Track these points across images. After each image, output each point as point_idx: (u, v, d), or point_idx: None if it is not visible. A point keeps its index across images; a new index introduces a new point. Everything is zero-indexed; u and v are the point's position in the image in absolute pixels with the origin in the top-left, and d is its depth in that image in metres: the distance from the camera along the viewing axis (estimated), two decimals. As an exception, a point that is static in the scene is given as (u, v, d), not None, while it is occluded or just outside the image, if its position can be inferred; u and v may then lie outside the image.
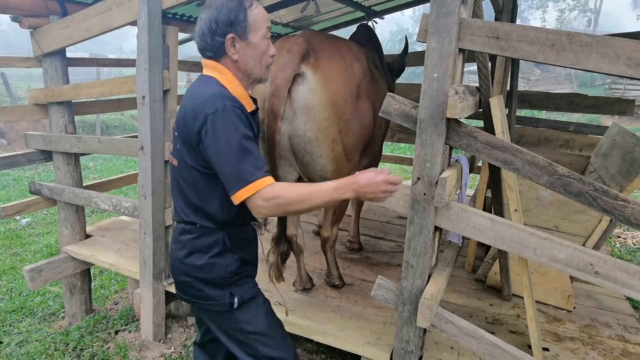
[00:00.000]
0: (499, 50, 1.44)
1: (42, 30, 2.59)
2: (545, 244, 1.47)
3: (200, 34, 1.32)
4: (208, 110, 1.23)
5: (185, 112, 1.30)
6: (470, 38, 1.45)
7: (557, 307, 2.41)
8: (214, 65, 1.35)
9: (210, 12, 1.30)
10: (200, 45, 1.35)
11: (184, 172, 1.36)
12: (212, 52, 1.34)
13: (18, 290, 3.50)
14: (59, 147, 2.73)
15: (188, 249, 1.39)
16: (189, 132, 1.28)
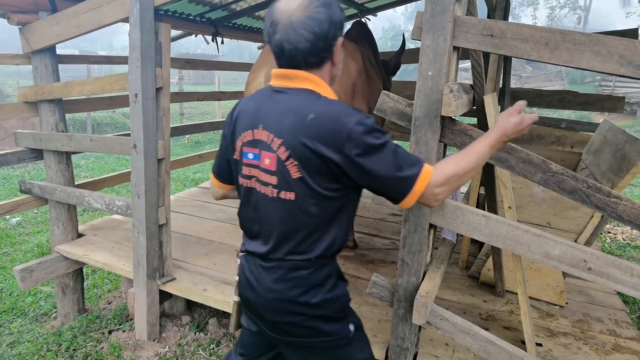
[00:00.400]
0: (493, 48, 1.44)
1: (31, 26, 2.55)
2: (539, 241, 1.48)
3: (312, 37, 1.10)
4: (347, 124, 1.08)
5: (309, 137, 1.09)
6: (464, 36, 1.45)
7: (549, 302, 2.43)
8: (307, 76, 1.16)
9: (323, 12, 1.11)
10: (306, 50, 1.12)
11: (306, 204, 1.15)
12: (317, 59, 1.15)
13: (9, 291, 3.46)
14: (50, 146, 2.70)
15: (303, 286, 1.23)
16: (321, 157, 1.09)
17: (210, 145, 10.24)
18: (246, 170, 1.22)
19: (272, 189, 1.17)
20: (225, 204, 3.99)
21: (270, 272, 1.23)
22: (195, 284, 2.42)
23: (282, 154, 1.12)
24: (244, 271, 1.31)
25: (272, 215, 1.20)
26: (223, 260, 2.74)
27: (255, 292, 1.27)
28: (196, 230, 3.25)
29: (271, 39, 1.14)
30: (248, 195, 1.25)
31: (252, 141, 1.19)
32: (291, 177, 1.13)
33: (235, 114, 1.27)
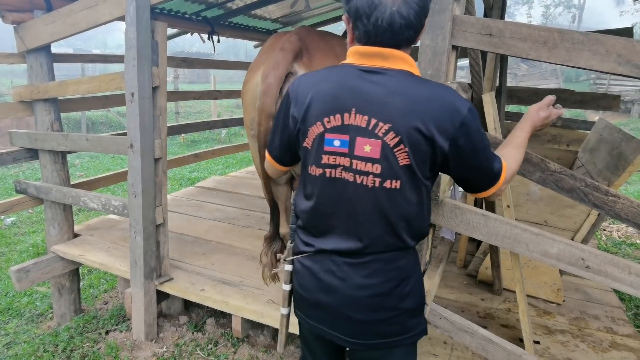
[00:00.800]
0: (491, 47, 1.44)
1: (26, 25, 2.52)
2: (537, 240, 1.49)
3: (421, 11, 1.03)
4: (461, 110, 1.04)
5: (423, 121, 1.02)
6: (463, 35, 1.46)
7: (547, 300, 2.45)
8: (403, 56, 1.07)
9: None
10: (416, 24, 1.04)
11: (409, 192, 1.09)
12: (416, 36, 1.07)
13: (4, 291, 3.44)
14: (45, 145, 2.68)
15: (399, 278, 1.17)
16: (432, 143, 1.04)
17: (206, 144, 10.21)
18: (328, 158, 1.11)
19: (373, 177, 1.07)
20: (221, 203, 3.98)
21: (362, 268, 1.15)
22: (192, 284, 2.41)
23: (391, 140, 1.03)
24: (315, 273, 1.20)
25: (368, 207, 1.10)
26: (220, 260, 2.73)
27: (337, 293, 1.17)
28: (193, 230, 3.24)
29: (372, 13, 1.01)
30: (328, 186, 1.13)
31: (339, 127, 1.08)
32: (399, 164, 1.05)
33: (308, 98, 1.12)
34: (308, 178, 1.18)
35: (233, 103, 15.33)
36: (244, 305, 2.20)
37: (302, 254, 1.24)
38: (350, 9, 1.06)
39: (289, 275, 1.33)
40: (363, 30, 1.05)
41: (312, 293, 1.21)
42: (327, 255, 1.18)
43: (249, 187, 4.55)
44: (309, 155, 1.15)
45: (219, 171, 7.53)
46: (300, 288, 1.26)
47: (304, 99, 1.13)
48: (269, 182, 2.04)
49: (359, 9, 1.03)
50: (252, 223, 3.45)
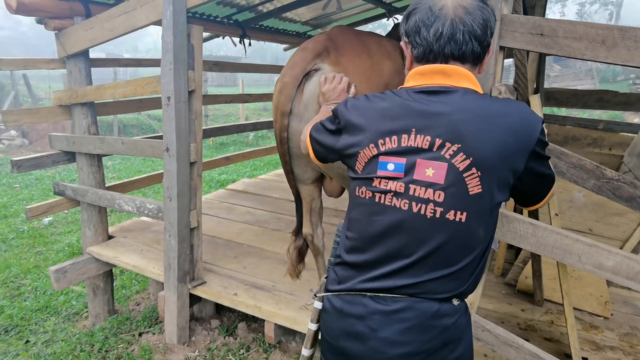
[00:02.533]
0: (543, 48, 1.37)
1: (66, 32, 2.58)
2: (591, 251, 1.40)
3: (484, 24, 0.97)
4: (537, 125, 0.96)
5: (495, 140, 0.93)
6: (512, 35, 1.38)
7: (592, 313, 2.32)
8: (467, 74, 1.00)
9: (481, 11, 0.98)
10: (481, 38, 0.98)
11: (475, 226, 0.96)
12: (482, 53, 1.01)
13: (43, 289, 3.54)
14: (82, 149, 2.73)
15: (443, 338, 1.00)
16: (508, 162, 0.94)
17: (234, 147, 10.33)
18: (380, 182, 1.00)
19: (433, 207, 0.94)
20: (251, 206, 3.98)
21: (398, 320, 0.99)
22: (225, 288, 2.40)
23: (460, 163, 0.92)
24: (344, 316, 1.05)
25: (422, 242, 0.97)
26: (252, 264, 2.72)
27: (365, 345, 1.02)
28: (224, 233, 3.25)
29: (431, 26, 0.97)
30: (377, 213, 1.01)
31: (395, 149, 0.98)
32: (468, 193, 0.93)
33: (360, 119, 1.05)
34: (355, 201, 1.07)
35: (260, 106, 15.47)
36: (277, 311, 2.18)
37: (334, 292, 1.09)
38: (408, 26, 1.02)
39: (317, 313, 1.21)
40: (423, 44, 0.99)
41: (337, 337, 1.08)
42: (360, 296, 1.03)
43: (278, 190, 4.54)
44: (358, 178, 1.05)
45: (247, 173, 7.59)
46: (325, 330, 1.12)
47: (354, 119, 1.06)
48: (291, 177, 2.05)
49: (418, 21, 0.99)
50: (282, 226, 3.44)
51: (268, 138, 11.35)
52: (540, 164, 1.01)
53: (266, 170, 7.63)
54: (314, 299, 1.22)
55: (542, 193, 1.11)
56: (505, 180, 0.96)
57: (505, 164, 0.94)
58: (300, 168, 1.99)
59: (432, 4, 0.98)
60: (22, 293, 3.47)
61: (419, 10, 0.99)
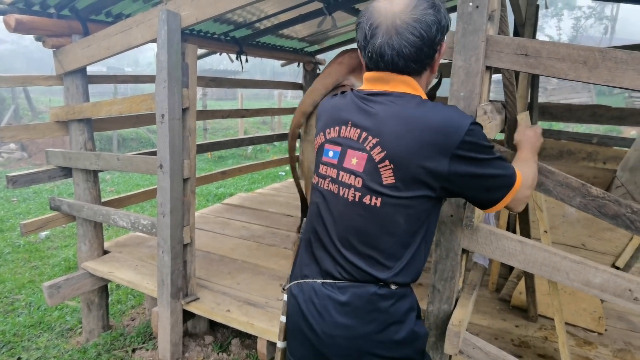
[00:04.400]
0: (528, 68, 1.39)
1: (64, 49, 2.62)
2: (578, 268, 1.40)
3: (418, 42, 1.01)
4: (462, 126, 0.98)
5: (411, 141, 0.98)
6: (497, 55, 1.41)
7: (587, 329, 2.31)
8: (405, 79, 1.06)
9: (432, 14, 1.01)
10: (411, 56, 1.02)
11: (393, 213, 1.02)
12: (420, 66, 1.05)
13: (37, 304, 3.52)
14: (79, 164, 2.75)
15: (382, 320, 1.05)
16: (424, 164, 0.98)
17: (232, 160, 10.36)
18: (322, 168, 1.13)
19: (354, 191, 1.04)
20: (247, 220, 3.99)
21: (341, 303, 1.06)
22: (218, 304, 2.39)
23: (377, 155, 1.01)
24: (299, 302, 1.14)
25: (345, 224, 1.06)
26: (246, 280, 2.72)
27: (315, 330, 1.09)
28: (219, 248, 3.25)
29: (367, 43, 1.04)
30: (320, 197, 1.12)
31: (335, 138, 1.10)
32: (382, 181, 1.01)
33: (322, 112, 1.21)
34: (312, 187, 1.20)
35: (259, 120, 15.56)
36: (270, 328, 2.17)
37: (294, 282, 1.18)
38: (357, 41, 1.11)
39: (285, 305, 1.25)
40: (365, 60, 1.11)
41: (295, 324, 1.14)
42: (312, 283, 1.11)
43: (275, 204, 4.55)
44: (315, 165, 1.19)
45: (245, 187, 7.60)
46: (286, 319, 1.20)
47: (319, 113, 1.23)
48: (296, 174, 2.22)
49: (359, 42, 1.09)
50: (278, 241, 3.44)
51: (267, 151, 11.39)
52: (473, 166, 0.99)
53: (264, 184, 7.64)
54: (283, 292, 1.27)
55: (494, 197, 1.06)
56: (418, 177, 1.00)
57: (418, 162, 0.98)
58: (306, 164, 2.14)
59: (371, 20, 1.04)
60: (15, 308, 3.45)
61: (361, 27, 1.07)
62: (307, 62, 5.01)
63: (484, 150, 1.01)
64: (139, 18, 2.25)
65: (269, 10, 3.48)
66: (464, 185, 1.03)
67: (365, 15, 1.06)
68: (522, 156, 1.34)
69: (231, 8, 1.97)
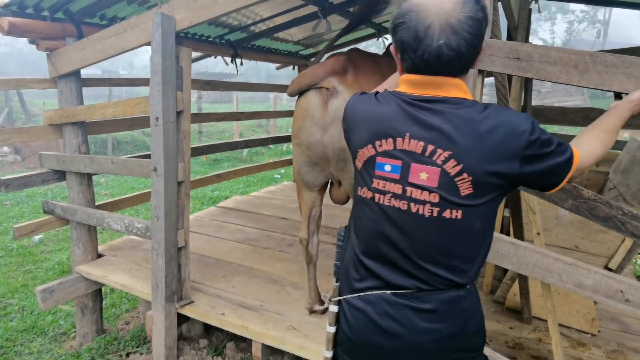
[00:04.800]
0: (519, 71, 1.41)
1: (58, 52, 2.62)
2: (570, 270, 1.42)
3: (474, 40, 0.98)
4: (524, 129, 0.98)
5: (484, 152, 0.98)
6: (490, 59, 1.42)
7: (580, 330, 2.32)
8: (458, 83, 1.03)
9: (480, 11, 0.98)
10: (468, 55, 1.00)
11: (472, 221, 1.03)
12: (471, 63, 1.03)
13: (30, 309, 3.49)
14: (72, 167, 2.74)
15: (464, 318, 1.09)
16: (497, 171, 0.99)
17: (227, 163, 10.34)
18: (378, 183, 1.07)
19: (430, 207, 1.01)
20: (242, 223, 3.98)
21: (424, 311, 1.06)
22: (213, 308, 2.39)
23: (451, 169, 0.98)
24: (369, 315, 1.10)
25: (424, 239, 1.04)
26: (241, 283, 2.71)
27: (398, 339, 1.07)
28: (214, 251, 3.24)
29: (420, 44, 0.97)
30: (379, 213, 1.07)
31: (391, 151, 1.04)
32: (460, 194, 0.99)
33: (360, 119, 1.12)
34: (359, 200, 1.14)
35: (254, 122, 15.55)
36: (264, 331, 2.17)
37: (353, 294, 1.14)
38: (397, 41, 1.02)
39: (334, 317, 1.24)
40: (411, 63, 1.02)
41: (364, 337, 1.12)
42: (381, 295, 1.10)
43: (270, 207, 4.55)
44: (360, 177, 1.12)
45: (240, 190, 7.59)
46: (350, 331, 1.15)
47: (354, 119, 1.13)
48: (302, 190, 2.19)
49: (405, 43, 1.00)
50: (273, 245, 3.43)
51: (262, 154, 11.39)
52: (540, 162, 1.01)
53: (259, 187, 7.64)
54: (330, 303, 1.25)
55: (555, 181, 1.07)
56: (492, 183, 1.00)
57: (491, 168, 0.98)
58: (313, 175, 2.11)
59: (418, 22, 0.97)
60: (8, 313, 3.42)
61: (407, 26, 0.98)
62: (302, 65, 5.02)
63: (546, 143, 1.01)
64: (134, 21, 2.25)
65: (264, 13, 3.49)
66: (532, 178, 1.04)
67: (411, 14, 0.98)
68: (609, 125, 1.19)
69: (226, 11, 1.97)
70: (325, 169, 2.08)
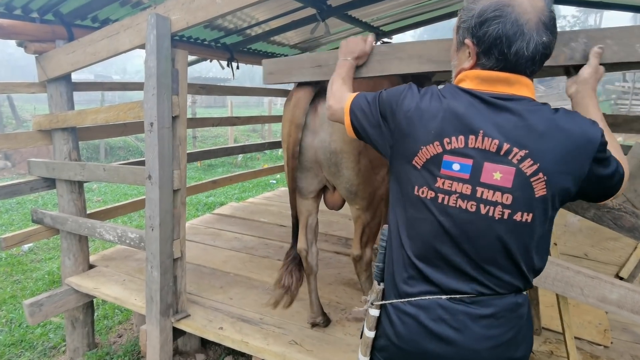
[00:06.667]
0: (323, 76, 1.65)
1: (47, 55, 2.51)
2: (593, 283, 1.34)
3: (554, 40, 1.00)
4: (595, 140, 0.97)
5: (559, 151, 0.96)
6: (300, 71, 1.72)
7: (592, 342, 2.24)
8: (528, 83, 1.02)
9: (554, 23, 0.99)
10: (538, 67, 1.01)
11: (539, 226, 1.00)
12: (543, 65, 1.03)
13: (18, 321, 3.37)
14: (63, 175, 2.63)
15: (520, 324, 1.06)
16: (568, 174, 0.97)
17: (222, 168, 10.22)
18: (444, 183, 1.01)
19: (502, 209, 0.97)
20: (239, 231, 3.87)
21: (483, 317, 1.02)
22: (210, 322, 2.28)
23: (528, 168, 0.95)
24: (421, 321, 1.05)
25: (491, 243, 0.99)
26: (239, 294, 2.61)
27: (454, 346, 1.03)
28: (210, 261, 3.13)
29: (513, 42, 0.95)
30: (440, 214, 1.02)
31: (462, 149, 0.99)
32: (534, 195, 0.96)
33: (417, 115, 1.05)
34: (413, 200, 1.06)
35: (249, 127, 15.45)
36: (265, 347, 2.06)
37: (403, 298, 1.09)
38: (484, 35, 0.98)
39: (375, 321, 1.17)
40: (499, 59, 0.99)
41: (414, 344, 1.06)
42: (435, 300, 1.04)
43: (267, 214, 4.45)
44: (418, 176, 1.04)
45: (235, 195, 7.48)
46: (396, 337, 1.09)
47: (410, 115, 1.06)
48: (295, 195, 2.10)
49: (501, 36, 0.96)
50: (271, 253, 3.33)
51: (257, 159, 11.28)
52: (607, 167, 1.00)
53: (255, 192, 7.53)
54: (371, 307, 1.17)
55: (616, 187, 1.05)
56: (564, 185, 0.98)
57: (566, 169, 0.96)
58: (307, 181, 2.05)
59: (518, 15, 0.95)
60: (-5, 326, 3.29)
61: (503, 21, 0.96)
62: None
63: (610, 158, 1.02)
64: (127, 22, 2.16)
65: (260, 16, 3.41)
66: (597, 183, 1.02)
67: (508, 8, 0.95)
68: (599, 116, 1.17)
69: (224, 12, 1.88)
70: (318, 174, 2.02)
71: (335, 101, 1.33)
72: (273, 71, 1.82)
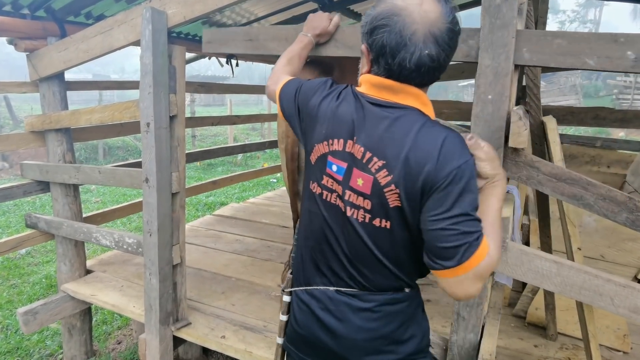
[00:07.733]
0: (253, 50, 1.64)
1: (39, 53, 2.41)
2: (625, 293, 1.24)
3: (451, 53, 0.96)
4: (455, 162, 0.91)
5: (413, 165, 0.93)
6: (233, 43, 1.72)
7: (611, 348, 2.15)
8: (417, 93, 0.98)
9: (457, 24, 0.95)
10: (443, 67, 0.96)
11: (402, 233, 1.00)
12: (436, 78, 0.99)
13: (14, 328, 3.28)
14: (57, 178, 2.53)
15: (400, 320, 1.08)
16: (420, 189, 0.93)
17: (222, 167, 10.12)
18: (327, 181, 1.06)
19: (363, 212, 1.00)
20: (240, 233, 3.78)
21: (361, 309, 1.07)
22: (212, 330, 2.19)
23: (383, 179, 0.95)
24: (312, 309, 1.12)
25: (359, 242, 1.03)
26: (242, 300, 2.51)
27: (336, 335, 1.09)
28: (211, 265, 3.03)
29: (400, 51, 0.91)
30: (325, 209, 1.08)
31: (340, 152, 1.02)
32: (389, 205, 0.97)
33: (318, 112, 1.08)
34: (308, 194, 1.14)
35: (249, 126, 15.33)
36: (269, 356, 1.97)
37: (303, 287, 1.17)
38: (372, 43, 0.96)
39: (286, 306, 1.26)
40: (385, 68, 0.97)
41: (307, 330, 1.15)
42: (324, 290, 1.11)
43: (268, 214, 4.35)
44: (311, 171, 1.11)
45: (235, 195, 7.38)
46: (295, 323, 1.18)
47: (314, 111, 1.09)
48: (296, 199, 2.02)
49: (385, 46, 0.93)
50: (274, 256, 3.24)
51: (257, 158, 11.18)
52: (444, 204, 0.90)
53: (255, 192, 7.44)
54: (282, 293, 1.28)
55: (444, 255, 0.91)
56: (418, 198, 0.94)
57: (417, 189, 0.93)
58: None
59: (403, 26, 0.91)
60: (-9, 333, 3.20)
61: (389, 30, 0.92)
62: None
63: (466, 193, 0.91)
64: (121, 17, 2.05)
65: (260, 12, 3.30)
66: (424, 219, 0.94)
67: (395, 18, 0.91)
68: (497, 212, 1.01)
69: (223, 5, 1.78)
70: None
71: (272, 82, 1.33)
72: (211, 40, 1.82)
